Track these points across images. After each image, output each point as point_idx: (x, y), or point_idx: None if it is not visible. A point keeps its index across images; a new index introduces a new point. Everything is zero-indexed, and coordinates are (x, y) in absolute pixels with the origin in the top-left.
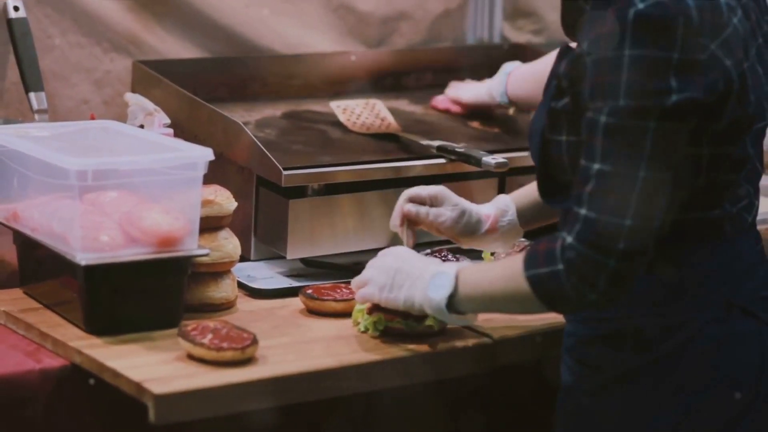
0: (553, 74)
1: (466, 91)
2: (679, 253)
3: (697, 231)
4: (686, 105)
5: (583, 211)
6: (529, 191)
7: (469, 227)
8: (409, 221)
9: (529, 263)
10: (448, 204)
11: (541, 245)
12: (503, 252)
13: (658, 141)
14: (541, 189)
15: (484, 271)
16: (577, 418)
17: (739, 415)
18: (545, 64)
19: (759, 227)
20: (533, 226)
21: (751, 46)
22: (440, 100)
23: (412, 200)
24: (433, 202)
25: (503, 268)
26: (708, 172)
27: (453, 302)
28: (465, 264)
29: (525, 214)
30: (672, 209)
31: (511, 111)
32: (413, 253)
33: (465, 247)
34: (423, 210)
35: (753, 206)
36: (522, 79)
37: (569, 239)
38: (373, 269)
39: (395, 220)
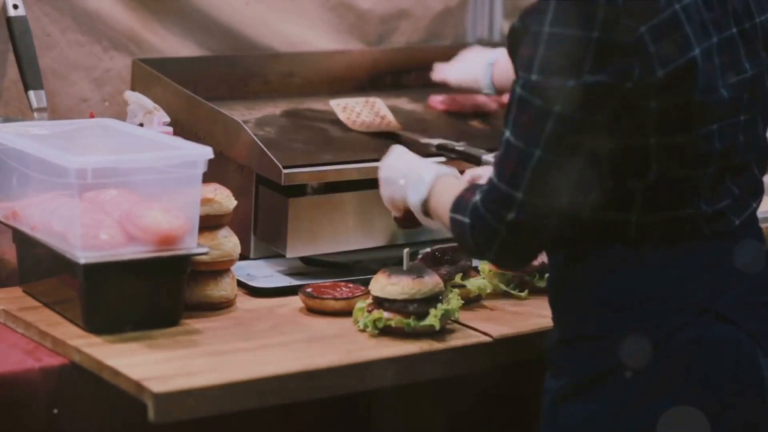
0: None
1: (453, 72)
2: (650, 254)
3: (668, 231)
4: (595, 88)
5: (491, 175)
6: None
7: None
8: None
9: (454, 205)
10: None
11: (468, 192)
12: None
13: (560, 124)
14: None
15: (446, 192)
16: (552, 421)
17: (714, 419)
18: None
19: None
20: None
21: (707, 35)
22: (437, 101)
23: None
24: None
25: (453, 193)
26: (659, 165)
27: (426, 209)
28: (445, 172)
29: None
30: (633, 207)
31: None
32: (405, 151)
33: None
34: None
35: (743, 208)
36: (507, 69)
37: (477, 197)
38: (380, 172)
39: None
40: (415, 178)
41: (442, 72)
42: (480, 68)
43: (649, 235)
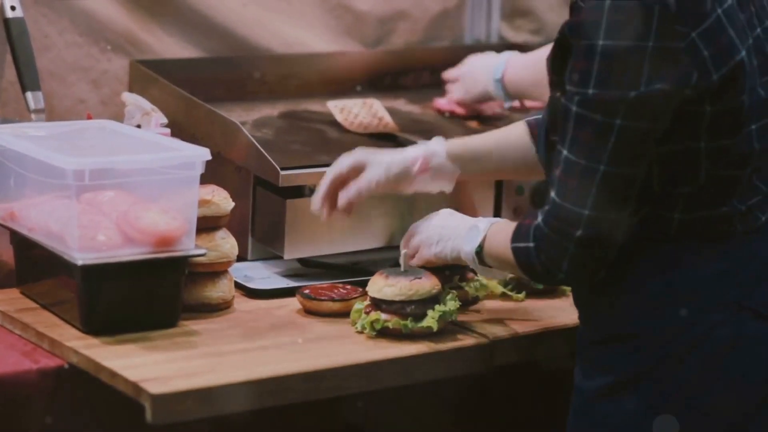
0: (549, 67)
1: (459, 93)
2: (687, 252)
3: (705, 229)
4: (655, 96)
5: (552, 194)
6: (469, 140)
7: (399, 177)
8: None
9: (514, 235)
10: (370, 164)
11: (527, 219)
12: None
13: (623, 137)
14: (546, 173)
15: (501, 232)
16: (587, 420)
17: (748, 418)
18: (536, 55)
19: None
20: (479, 178)
21: (746, 36)
22: (443, 103)
23: (334, 183)
24: (356, 173)
25: (509, 231)
26: (708, 167)
27: (481, 256)
28: (499, 221)
29: (466, 165)
30: (677, 207)
31: (519, 104)
32: (455, 212)
33: (408, 192)
34: (348, 191)
35: (767, 204)
36: (516, 75)
37: (539, 219)
38: (422, 233)
39: (316, 204)
40: (468, 229)
41: (453, 95)
42: (488, 84)
43: (688, 234)
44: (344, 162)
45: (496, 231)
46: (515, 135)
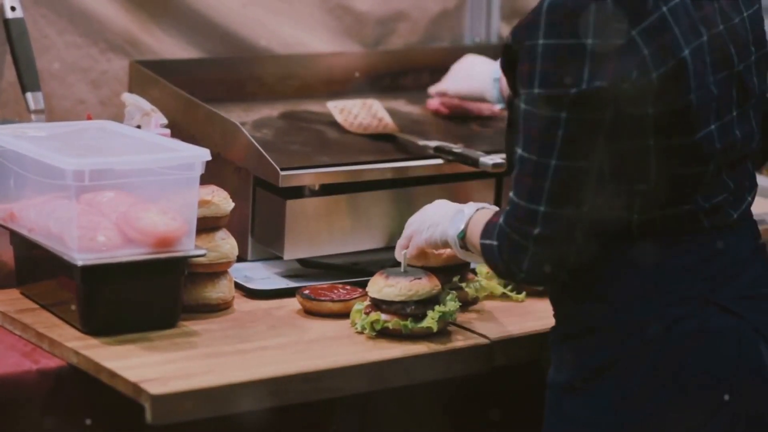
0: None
1: (457, 85)
2: (652, 248)
3: (668, 226)
4: (595, 94)
5: (511, 194)
6: None
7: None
8: None
9: (483, 231)
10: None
11: (494, 216)
12: None
13: (570, 130)
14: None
15: (481, 222)
16: (557, 414)
17: (712, 412)
18: None
19: (760, 227)
20: None
21: (697, 35)
22: (436, 103)
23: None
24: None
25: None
26: (660, 165)
27: (464, 241)
28: (485, 207)
29: None
30: (633, 207)
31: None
32: (447, 201)
33: None
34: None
35: (739, 201)
36: None
37: (501, 219)
38: (414, 223)
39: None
40: (455, 213)
41: (443, 84)
42: (486, 82)
43: (649, 231)
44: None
45: (477, 219)
46: None
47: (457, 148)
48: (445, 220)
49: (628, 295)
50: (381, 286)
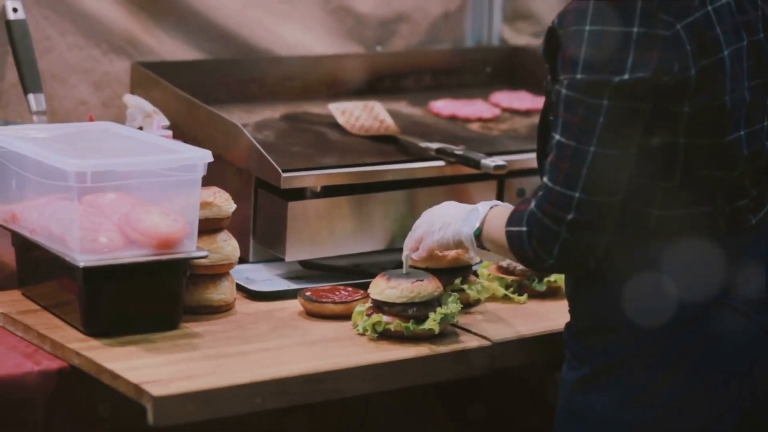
0: (542, 55)
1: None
2: (667, 246)
3: (686, 226)
4: (637, 83)
5: (545, 179)
6: None
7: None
8: None
9: (509, 219)
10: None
11: (521, 205)
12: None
13: (611, 117)
14: (539, 168)
15: (498, 216)
16: (569, 410)
17: (726, 410)
18: None
19: None
20: None
21: (738, 37)
22: (440, 106)
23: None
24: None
25: (505, 216)
26: (686, 164)
27: (479, 239)
28: (499, 204)
29: None
30: (654, 202)
31: None
32: (456, 202)
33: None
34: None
35: (760, 207)
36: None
37: (533, 204)
38: (423, 224)
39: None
40: (468, 212)
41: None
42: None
43: (667, 230)
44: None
45: (494, 215)
46: None
47: (459, 149)
48: (456, 220)
49: (643, 293)
50: (383, 288)
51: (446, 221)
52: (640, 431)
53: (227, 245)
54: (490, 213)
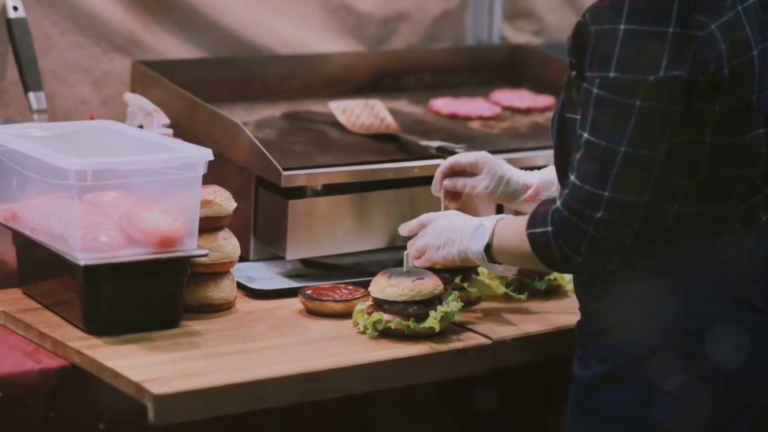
0: (567, 50)
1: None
2: (685, 245)
3: (702, 224)
4: (672, 83)
5: (572, 177)
6: None
7: (507, 194)
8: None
9: (530, 221)
10: (488, 171)
11: (542, 206)
12: None
13: (643, 118)
14: (557, 166)
15: (511, 226)
16: (583, 409)
17: (743, 408)
18: None
19: None
20: None
21: (762, 38)
22: (440, 104)
23: (452, 168)
24: (473, 169)
25: (520, 224)
26: (710, 163)
27: (490, 253)
28: (505, 217)
29: None
30: (676, 199)
31: None
32: (460, 213)
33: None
34: (459, 183)
35: None
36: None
37: (558, 203)
38: (427, 235)
39: (435, 186)
40: (474, 228)
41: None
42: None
43: (686, 227)
44: (467, 156)
45: (505, 226)
46: None
47: (459, 148)
48: (462, 237)
49: (661, 292)
50: (383, 286)
51: (451, 237)
52: (660, 429)
53: (228, 244)
54: (499, 226)
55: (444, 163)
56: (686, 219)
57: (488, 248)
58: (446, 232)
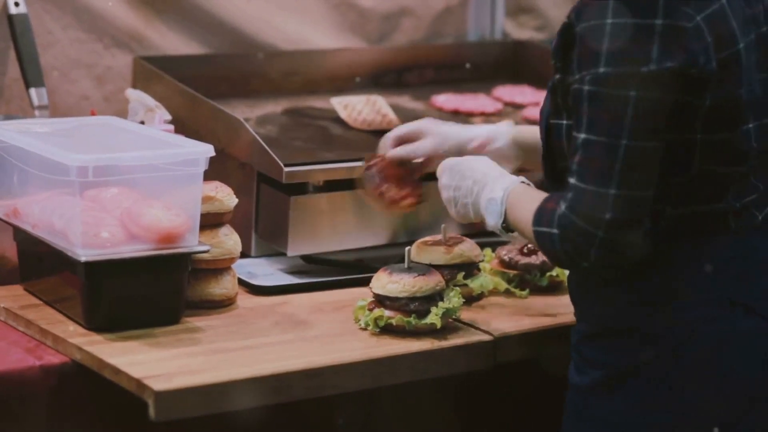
0: (552, 53)
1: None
2: (680, 248)
3: (697, 225)
4: (665, 73)
5: (573, 181)
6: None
7: (453, 151)
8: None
9: (536, 217)
10: (430, 135)
11: (550, 202)
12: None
13: (640, 109)
14: (545, 173)
15: (521, 208)
16: (579, 415)
17: (741, 413)
18: None
19: None
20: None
21: (747, 30)
22: (442, 100)
23: (399, 138)
24: (417, 137)
25: (530, 211)
26: (702, 160)
27: (508, 228)
28: (515, 188)
29: (529, 154)
30: (668, 199)
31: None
32: (481, 164)
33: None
34: (404, 150)
35: (765, 203)
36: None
37: (563, 206)
38: (446, 173)
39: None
40: (486, 203)
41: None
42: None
43: (679, 229)
44: (408, 125)
45: (514, 202)
46: None
47: None
48: (474, 200)
49: (657, 296)
50: (384, 283)
51: (464, 195)
52: None
53: (229, 240)
54: (509, 201)
55: (388, 134)
56: (679, 221)
57: (505, 224)
58: (467, 182)
